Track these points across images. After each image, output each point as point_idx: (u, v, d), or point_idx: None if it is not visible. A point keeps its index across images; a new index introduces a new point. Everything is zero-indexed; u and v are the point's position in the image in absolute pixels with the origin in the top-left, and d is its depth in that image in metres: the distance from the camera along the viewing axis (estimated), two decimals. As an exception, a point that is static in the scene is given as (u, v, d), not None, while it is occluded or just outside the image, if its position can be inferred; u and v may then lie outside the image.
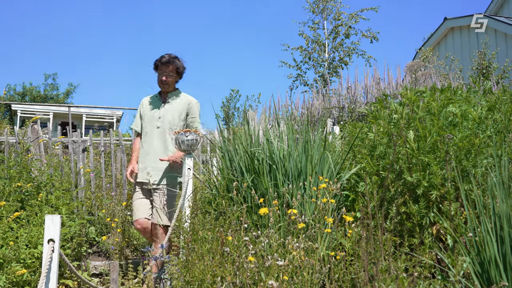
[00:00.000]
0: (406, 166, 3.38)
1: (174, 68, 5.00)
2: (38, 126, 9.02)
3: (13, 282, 4.15)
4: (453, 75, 13.04)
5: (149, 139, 4.89)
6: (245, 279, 2.46)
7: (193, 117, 5.05)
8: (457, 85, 4.49)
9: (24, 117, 24.04)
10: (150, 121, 4.93)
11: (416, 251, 2.96)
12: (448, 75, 12.63)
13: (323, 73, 17.82)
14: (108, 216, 6.45)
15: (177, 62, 5.02)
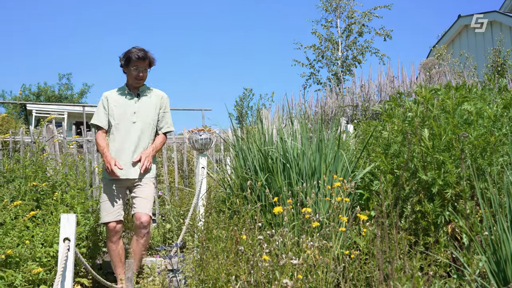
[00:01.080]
0: (421, 165, 3.37)
1: (148, 62, 4.78)
2: (53, 125, 9.09)
3: (29, 280, 4.18)
4: (468, 73, 12.94)
5: (124, 135, 4.62)
6: (259, 277, 2.46)
7: (166, 111, 4.86)
8: (472, 82, 4.46)
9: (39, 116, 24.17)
10: (123, 116, 4.65)
11: (431, 250, 2.95)
12: (463, 73, 12.55)
13: (336, 71, 17.78)
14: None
15: (150, 56, 4.80)
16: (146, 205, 4.52)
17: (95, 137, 4.67)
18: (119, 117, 4.64)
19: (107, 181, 4.62)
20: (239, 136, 4.41)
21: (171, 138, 8.95)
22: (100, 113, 4.71)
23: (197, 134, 5.02)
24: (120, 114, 4.65)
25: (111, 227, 4.52)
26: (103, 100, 4.74)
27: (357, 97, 10.55)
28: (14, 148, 9.23)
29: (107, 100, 4.72)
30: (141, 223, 4.41)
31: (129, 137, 4.62)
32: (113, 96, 4.74)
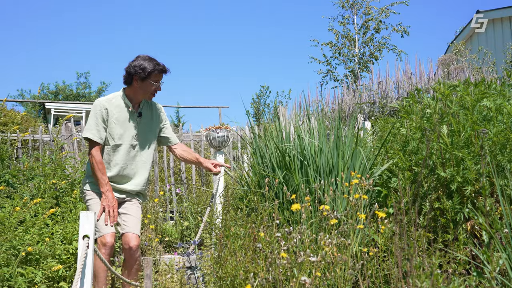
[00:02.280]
0: (440, 162, 3.35)
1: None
2: (71, 124, 9.17)
3: (49, 277, 4.22)
4: (487, 68, 12.83)
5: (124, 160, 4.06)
6: (277, 275, 2.47)
7: (166, 122, 4.33)
8: (491, 78, 4.42)
9: (57, 115, 24.38)
10: (123, 138, 4.04)
11: (450, 247, 2.93)
12: (481, 69, 12.44)
13: (353, 68, 17.72)
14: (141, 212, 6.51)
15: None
16: (137, 225, 4.01)
17: (92, 156, 3.93)
18: (119, 138, 4.03)
19: (94, 195, 3.99)
20: (256, 134, 4.41)
21: (188, 135, 8.98)
22: (99, 126, 3.99)
23: (215, 131, 5.03)
24: (120, 134, 4.03)
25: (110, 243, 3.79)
26: (102, 112, 4.00)
27: (375, 94, 10.51)
28: (34, 147, 9.33)
29: (107, 112, 4.01)
30: (131, 248, 3.84)
31: (129, 164, 4.10)
32: (113, 110, 4.04)
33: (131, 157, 4.09)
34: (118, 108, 4.05)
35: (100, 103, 4.01)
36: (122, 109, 4.06)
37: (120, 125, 4.02)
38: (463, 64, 11.69)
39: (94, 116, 3.98)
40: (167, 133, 4.33)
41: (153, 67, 4.00)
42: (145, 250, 5.60)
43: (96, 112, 3.98)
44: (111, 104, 4.04)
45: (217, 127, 5.01)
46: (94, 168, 3.89)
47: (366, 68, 17.70)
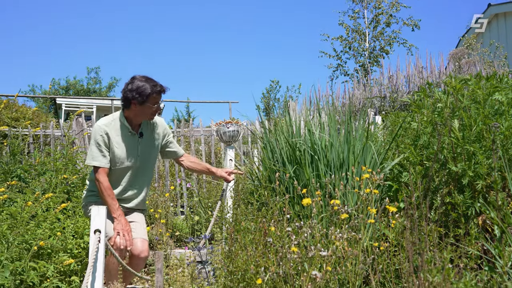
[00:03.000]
0: (451, 156, 3.33)
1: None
2: (82, 119, 9.20)
3: (60, 271, 4.25)
4: (498, 62, 12.74)
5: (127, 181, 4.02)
6: (288, 269, 2.47)
7: (170, 136, 4.29)
8: (503, 72, 4.39)
9: (68, 110, 24.49)
10: (124, 161, 3.97)
11: (461, 242, 2.92)
12: (493, 63, 12.36)
13: (363, 62, 17.68)
14: (152, 207, 6.52)
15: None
16: (144, 230, 3.99)
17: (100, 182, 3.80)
18: (121, 162, 3.96)
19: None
20: (267, 128, 4.41)
21: (199, 130, 9.00)
22: (103, 152, 3.91)
23: (225, 126, 5.03)
24: (122, 158, 3.96)
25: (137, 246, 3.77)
26: (103, 137, 3.91)
27: (385, 88, 10.48)
28: (45, 142, 9.38)
29: (108, 137, 3.92)
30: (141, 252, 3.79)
31: (133, 184, 4.06)
32: (113, 134, 3.96)
33: (133, 178, 4.03)
34: (118, 131, 3.97)
35: (100, 128, 3.92)
36: (123, 132, 3.98)
37: (122, 149, 3.95)
38: (474, 58, 11.63)
39: (95, 143, 3.88)
40: (172, 147, 4.28)
41: (151, 90, 3.89)
42: (155, 245, 5.61)
43: (97, 138, 3.88)
44: (111, 127, 3.94)
45: (227, 121, 5.01)
46: (103, 194, 3.76)
47: (377, 62, 17.65)
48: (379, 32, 17.75)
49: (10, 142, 6.15)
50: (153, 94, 3.87)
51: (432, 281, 2.10)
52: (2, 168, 5.72)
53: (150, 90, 3.86)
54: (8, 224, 4.16)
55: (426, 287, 2.13)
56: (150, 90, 3.86)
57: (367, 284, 2.77)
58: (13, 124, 11.46)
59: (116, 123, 3.97)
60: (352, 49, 18.11)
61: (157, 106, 3.94)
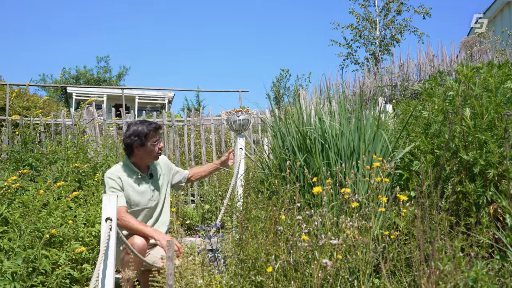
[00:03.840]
0: (462, 144, 3.31)
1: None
2: (93, 108, 9.23)
3: (72, 259, 4.28)
4: (510, 50, 12.63)
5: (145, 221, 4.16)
6: (298, 257, 2.47)
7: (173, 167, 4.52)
8: (515, 60, 4.34)
9: (79, 99, 24.60)
10: (139, 203, 4.11)
11: (472, 230, 2.91)
12: (505, 51, 12.25)
13: (374, 51, 17.59)
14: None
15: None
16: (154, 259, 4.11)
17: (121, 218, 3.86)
18: (136, 205, 4.11)
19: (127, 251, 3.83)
20: (277, 117, 4.40)
21: (209, 119, 9.00)
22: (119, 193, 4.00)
23: (235, 115, 5.02)
24: (137, 201, 4.10)
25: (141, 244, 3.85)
26: (116, 181, 4.06)
27: (396, 77, 10.43)
28: (56, 131, 9.42)
29: (120, 181, 4.08)
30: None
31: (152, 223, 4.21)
32: (125, 178, 4.12)
33: (149, 217, 4.20)
34: (129, 177, 4.13)
35: (111, 174, 4.09)
36: (133, 176, 4.14)
37: (136, 192, 4.10)
38: (486, 46, 11.53)
39: (110, 188, 4.03)
40: (178, 175, 4.52)
41: (147, 130, 4.09)
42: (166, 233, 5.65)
43: (111, 183, 4.05)
44: (122, 172, 4.12)
45: (237, 110, 5.00)
46: (132, 227, 3.88)
47: (387, 50, 17.55)
48: (389, 20, 17.64)
49: (22, 131, 6.18)
50: (150, 132, 4.09)
51: (443, 270, 2.09)
52: (14, 157, 5.76)
53: (146, 129, 4.09)
54: (20, 212, 4.19)
55: (437, 276, 2.13)
56: (146, 130, 4.09)
57: (377, 273, 2.78)
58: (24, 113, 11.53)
59: (126, 169, 4.16)
60: (362, 37, 18.04)
61: (158, 144, 4.16)
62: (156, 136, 4.15)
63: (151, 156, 4.17)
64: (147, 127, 4.11)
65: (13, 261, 3.45)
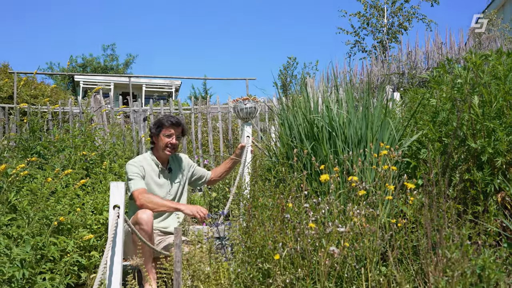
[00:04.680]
0: (470, 132, 3.30)
1: (181, 130, 4.43)
2: (100, 96, 9.25)
3: (80, 246, 4.31)
4: (519, 38, 12.53)
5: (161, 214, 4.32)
6: (305, 245, 2.48)
7: (194, 164, 4.66)
8: (525, 48, 4.32)
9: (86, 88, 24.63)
10: (159, 194, 4.25)
11: (480, 219, 2.90)
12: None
13: (382, 39, 17.51)
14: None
15: (184, 124, 4.48)
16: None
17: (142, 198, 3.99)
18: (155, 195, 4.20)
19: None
20: (284, 105, 4.39)
21: (216, 107, 9.00)
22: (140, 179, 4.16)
23: (242, 103, 5.02)
24: (156, 193, 4.24)
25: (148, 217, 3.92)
26: (139, 168, 4.21)
27: (404, 65, 10.38)
28: (63, 119, 9.45)
29: (143, 169, 4.24)
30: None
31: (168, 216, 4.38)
32: (147, 168, 4.29)
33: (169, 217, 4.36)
34: (150, 167, 4.31)
35: (134, 162, 4.26)
36: (154, 168, 4.33)
37: (155, 184, 4.28)
38: (495, 33, 11.44)
39: (132, 173, 4.17)
40: (199, 172, 4.66)
41: (164, 121, 4.30)
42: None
43: (134, 169, 4.21)
44: (144, 162, 4.30)
45: (244, 98, 5.00)
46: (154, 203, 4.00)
47: (395, 38, 17.48)
48: (397, 7, 17.54)
49: (30, 119, 6.20)
50: (166, 124, 4.29)
51: (450, 258, 2.09)
52: (22, 145, 5.78)
53: (163, 121, 4.31)
54: (28, 200, 4.22)
55: (444, 264, 2.13)
56: (164, 121, 4.30)
57: (384, 261, 2.78)
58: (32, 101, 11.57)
59: (148, 161, 4.35)
60: (370, 25, 17.96)
61: (170, 139, 4.30)
62: (171, 130, 4.29)
63: (162, 148, 4.29)
64: (165, 119, 4.31)
65: (21, 248, 3.47)
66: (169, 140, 4.29)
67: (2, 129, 9.47)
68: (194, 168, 4.64)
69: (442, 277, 2.09)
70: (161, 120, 4.35)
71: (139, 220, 3.86)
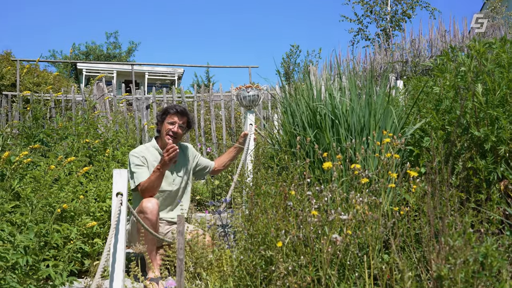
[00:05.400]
0: (473, 121, 3.29)
1: (187, 121, 4.40)
2: (103, 84, 9.23)
3: (83, 233, 4.32)
4: (524, 26, 12.47)
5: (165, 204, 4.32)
6: (308, 232, 2.48)
7: (198, 154, 4.66)
8: (529, 36, 4.29)
9: (89, 75, 24.63)
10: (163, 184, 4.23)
11: (483, 207, 2.90)
12: (518, 27, 12.10)
13: (385, 27, 17.44)
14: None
15: (191, 116, 4.46)
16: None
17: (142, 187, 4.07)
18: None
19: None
20: (287, 92, 4.38)
21: (219, 95, 8.99)
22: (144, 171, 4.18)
23: (245, 91, 5.01)
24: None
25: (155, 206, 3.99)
26: (140, 159, 4.22)
27: (407, 53, 10.34)
28: (66, 106, 9.46)
29: (145, 160, 4.25)
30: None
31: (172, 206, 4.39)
32: (149, 158, 4.29)
33: (170, 203, 4.36)
34: (153, 157, 4.31)
35: (136, 153, 4.25)
36: (157, 158, 4.29)
37: None
38: (499, 21, 11.39)
39: (134, 165, 4.18)
40: (203, 163, 4.65)
41: (170, 108, 4.33)
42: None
43: (136, 160, 4.19)
44: (147, 152, 4.31)
45: (247, 86, 4.99)
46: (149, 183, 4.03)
47: (398, 26, 17.40)
48: (401, -5, 17.44)
49: (33, 106, 6.20)
50: (171, 111, 4.31)
51: (453, 245, 2.09)
52: (25, 132, 5.79)
53: (169, 108, 4.34)
54: (32, 187, 4.23)
55: (446, 251, 2.13)
56: (169, 109, 4.33)
57: (387, 248, 2.78)
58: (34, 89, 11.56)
59: (151, 150, 4.34)
60: (373, 13, 17.87)
61: (173, 127, 4.29)
62: (174, 118, 4.29)
63: (163, 135, 4.30)
64: (171, 107, 4.35)
65: (25, 235, 3.48)
66: (171, 128, 4.28)
67: (5, 116, 9.48)
68: (198, 159, 4.63)
69: (444, 264, 2.09)
70: (167, 107, 4.37)
71: (144, 209, 3.90)
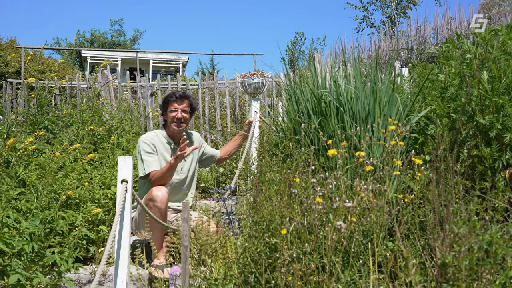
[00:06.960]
0: (479, 108, 3.28)
1: (189, 104, 4.37)
2: (107, 71, 9.23)
3: (88, 220, 4.34)
4: (530, 13, 12.38)
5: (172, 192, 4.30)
6: (312, 220, 2.48)
7: (204, 143, 4.68)
8: (535, 23, 4.26)
9: (93, 63, 24.61)
10: None
11: (487, 194, 2.90)
12: (525, 14, 12.01)
13: (390, 14, 17.35)
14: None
15: (191, 97, 4.42)
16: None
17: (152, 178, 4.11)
18: None
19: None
20: (292, 80, 4.37)
21: (223, 83, 8.97)
22: (154, 159, 4.20)
23: (250, 78, 5.00)
24: None
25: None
26: (150, 146, 4.23)
27: (412, 40, 10.29)
28: (71, 94, 9.45)
29: (155, 147, 4.25)
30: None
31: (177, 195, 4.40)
32: (159, 145, 4.30)
33: (177, 192, 4.34)
34: (162, 145, 4.33)
35: (146, 139, 4.26)
36: (166, 146, 4.34)
37: (166, 161, 4.25)
38: (505, 8, 11.32)
39: (144, 152, 4.20)
40: (209, 152, 4.65)
41: (169, 97, 4.33)
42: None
43: (145, 147, 4.20)
44: (156, 140, 4.35)
45: (252, 73, 4.98)
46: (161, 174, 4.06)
47: (404, 13, 17.31)
48: (407, -18, 17.34)
49: (37, 94, 6.21)
50: (170, 99, 4.29)
51: (457, 233, 2.09)
52: (30, 120, 5.80)
53: (168, 97, 4.33)
54: (37, 174, 4.24)
55: (451, 239, 2.13)
56: (169, 97, 4.33)
57: (391, 236, 2.79)
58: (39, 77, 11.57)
59: (160, 138, 4.35)
60: (378, 0, 17.75)
61: (178, 113, 4.28)
62: (175, 105, 4.28)
63: (170, 123, 4.31)
64: (170, 95, 4.32)
65: (31, 222, 3.50)
66: (175, 115, 4.28)
67: (10, 104, 9.49)
68: (205, 148, 4.64)
69: (449, 252, 2.10)
70: (167, 96, 4.38)
71: (154, 197, 3.93)
